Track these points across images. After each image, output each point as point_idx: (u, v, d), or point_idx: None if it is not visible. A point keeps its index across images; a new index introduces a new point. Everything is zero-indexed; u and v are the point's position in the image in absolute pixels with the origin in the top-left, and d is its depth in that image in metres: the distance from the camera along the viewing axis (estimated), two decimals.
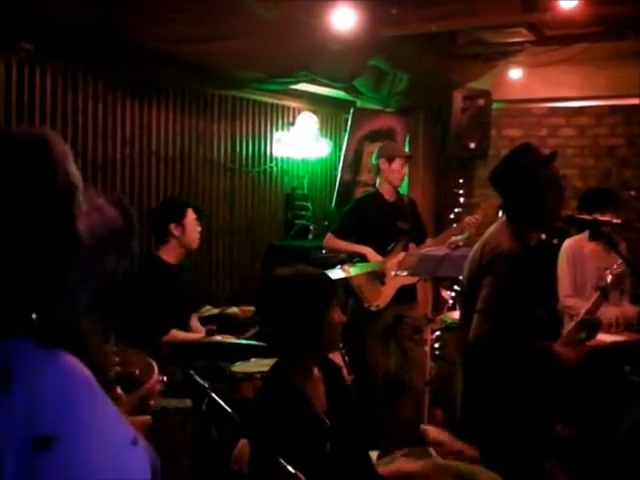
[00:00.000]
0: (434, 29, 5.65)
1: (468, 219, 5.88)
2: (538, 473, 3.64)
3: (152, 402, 2.50)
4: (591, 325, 3.89)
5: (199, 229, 4.97)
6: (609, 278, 3.96)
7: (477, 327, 3.49)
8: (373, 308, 5.86)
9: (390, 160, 5.93)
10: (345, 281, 5.80)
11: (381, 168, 5.97)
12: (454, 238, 6.01)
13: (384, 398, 5.90)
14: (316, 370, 2.88)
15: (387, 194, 6.01)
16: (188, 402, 3.84)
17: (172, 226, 4.87)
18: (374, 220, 5.91)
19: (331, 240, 6.00)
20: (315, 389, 2.85)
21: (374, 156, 6.05)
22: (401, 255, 5.89)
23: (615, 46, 6.75)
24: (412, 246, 5.95)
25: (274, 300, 2.82)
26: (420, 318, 6.11)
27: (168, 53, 4.89)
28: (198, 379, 2.99)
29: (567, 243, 5.31)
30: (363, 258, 5.83)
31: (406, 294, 5.95)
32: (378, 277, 5.91)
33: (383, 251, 5.89)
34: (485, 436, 3.65)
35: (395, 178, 5.95)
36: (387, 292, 5.91)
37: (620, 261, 4.00)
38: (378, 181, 6.07)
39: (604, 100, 7.63)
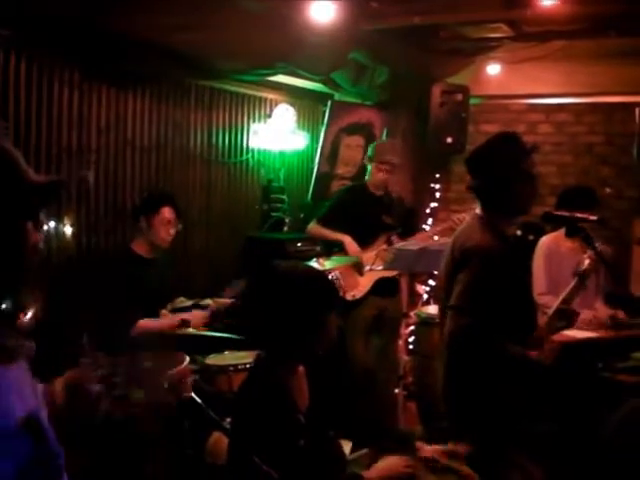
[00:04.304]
0: (415, 23, 5.64)
1: (456, 218, 5.85)
2: (513, 468, 3.65)
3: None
4: (568, 314, 3.92)
5: (172, 230, 4.93)
6: (586, 262, 3.95)
7: (451, 323, 3.49)
8: (349, 297, 5.87)
9: (379, 163, 5.95)
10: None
11: (372, 169, 6.01)
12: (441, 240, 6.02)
13: (361, 391, 5.90)
14: (300, 366, 2.84)
15: (374, 188, 6.03)
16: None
17: (142, 219, 4.85)
18: (359, 212, 5.94)
19: (315, 227, 6.09)
20: (299, 385, 2.81)
21: (369, 151, 6.08)
22: (379, 249, 5.90)
23: (595, 44, 6.78)
24: (396, 240, 5.96)
25: (274, 294, 2.73)
26: (400, 312, 6.13)
27: (146, 42, 4.84)
28: None
29: (544, 240, 5.32)
30: (342, 246, 5.86)
31: (388, 287, 5.96)
32: (357, 268, 5.92)
33: (364, 243, 5.90)
34: (464, 431, 3.65)
35: (383, 178, 5.98)
36: (364, 283, 5.92)
37: (598, 246, 4.00)
38: (367, 176, 6.09)
39: (584, 97, 7.67)
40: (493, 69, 7.62)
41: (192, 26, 4.86)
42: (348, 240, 5.90)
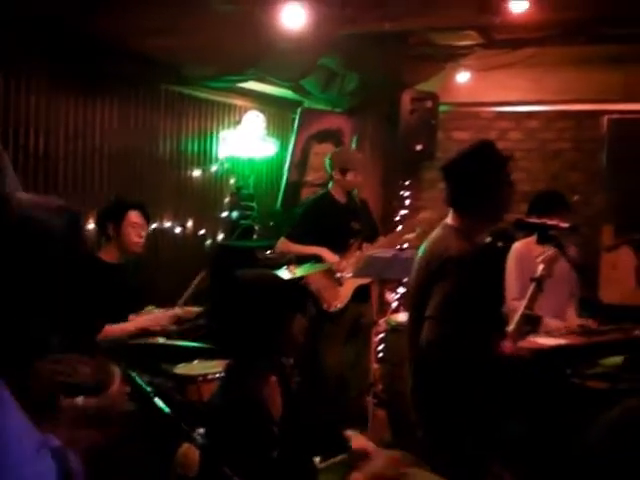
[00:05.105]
0: (386, 29, 5.63)
1: (420, 216, 5.87)
2: (485, 475, 3.64)
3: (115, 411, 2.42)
4: (532, 319, 3.93)
5: (143, 233, 4.86)
6: (540, 267, 3.98)
7: (429, 332, 3.46)
8: (332, 309, 5.84)
9: (343, 172, 5.93)
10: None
11: (334, 177, 5.97)
12: (406, 236, 6.03)
13: (333, 400, 5.87)
14: (273, 376, 2.82)
15: (339, 196, 6.00)
16: (127, 406, 3.74)
17: (110, 226, 4.77)
18: (328, 222, 5.90)
19: (285, 244, 5.99)
20: (272, 395, 2.79)
21: (327, 163, 6.04)
22: (357, 255, 5.88)
23: (564, 51, 6.82)
24: (366, 246, 5.95)
25: (239, 303, 2.73)
26: (373, 317, 6.12)
27: (114, 46, 4.79)
28: (140, 382, 2.91)
29: (516, 246, 5.33)
30: (319, 259, 5.81)
31: (362, 293, 5.95)
32: (335, 278, 5.89)
33: (338, 252, 5.87)
34: (434, 438, 3.63)
35: (349, 188, 5.96)
36: (345, 292, 5.90)
37: (549, 250, 4.04)
38: (330, 184, 6.06)
39: (553, 105, 7.71)
40: (463, 76, 7.64)
41: (162, 31, 4.82)
42: (326, 252, 5.84)
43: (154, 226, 5.46)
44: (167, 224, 6.31)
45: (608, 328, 4.87)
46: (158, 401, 2.83)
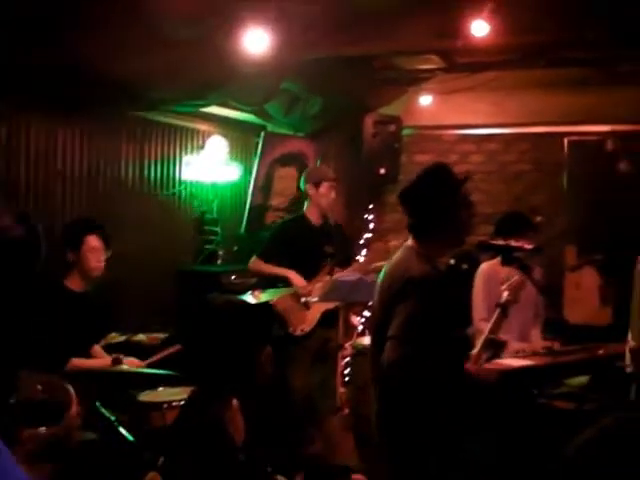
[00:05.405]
0: (348, 53, 5.65)
1: (391, 243, 5.85)
2: None
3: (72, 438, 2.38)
4: (495, 344, 3.95)
5: (103, 257, 4.81)
6: (505, 294, 4.01)
7: (391, 353, 3.45)
8: (298, 332, 5.80)
9: (317, 185, 5.92)
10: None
11: (309, 193, 5.96)
12: (379, 263, 6.01)
13: (301, 425, 5.83)
14: (234, 400, 2.79)
15: (314, 218, 5.99)
16: (90, 435, 3.67)
17: (69, 253, 4.72)
18: (300, 244, 5.87)
19: (256, 263, 5.96)
20: (234, 420, 2.75)
21: (301, 182, 6.04)
22: (325, 280, 5.85)
23: (524, 75, 6.90)
24: (337, 270, 5.92)
25: (204, 328, 2.70)
26: (339, 341, 6.09)
27: (76, 71, 4.75)
28: (104, 411, 2.88)
29: (483, 267, 5.36)
30: (287, 282, 5.79)
31: (330, 318, 5.92)
32: (302, 302, 5.86)
33: (309, 275, 5.84)
34: (399, 460, 3.62)
35: (324, 202, 5.94)
36: (312, 316, 5.87)
37: (515, 276, 4.07)
38: (305, 205, 6.04)
39: (514, 127, 7.79)
40: (425, 100, 7.70)
41: (124, 55, 4.80)
42: (293, 275, 5.81)
43: (117, 251, 5.39)
44: (130, 249, 6.25)
45: (573, 348, 4.91)
46: (122, 430, 2.80)
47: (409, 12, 5.20)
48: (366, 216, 8.24)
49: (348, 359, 6.65)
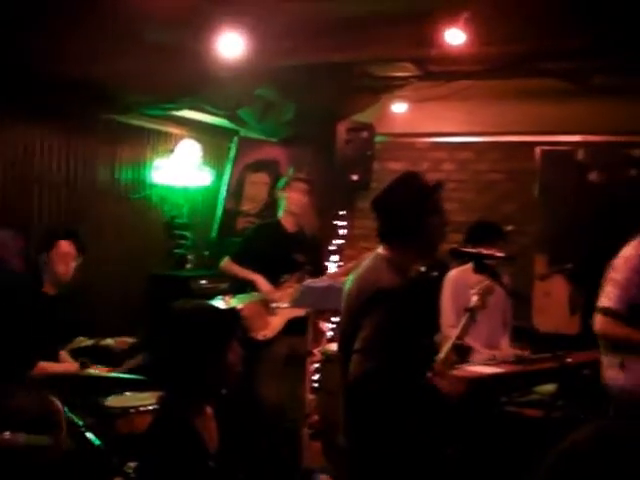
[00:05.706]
0: (323, 60, 5.65)
1: (365, 255, 5.82)
2: None
3: None
4: (462, 349, 3.95)
5: (73, 263, 4.83)
6: (474, 299, 4.02)
7: (357, 366, 3.43)
8: (260, 337, 5.78)
9: (287, 185, 5.92)
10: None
11: (281, 197, 5.97)
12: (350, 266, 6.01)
13: (269, 432, 5.81)
14: (208, 407, 2.77)
15: (288, 225, 5.99)
16: (44, 439, 3.61)
17: (43, 256, 4.76)
18: (271, 250, 5.87)
19: (228, 264, 5.99)
20: (208, 427, 2.73)
21: (279, 186, 6.05)
22: (295, 287, 5.83)
23: (498, 84, 6.92)
24: (307, 279, 5.89)
25: (173, 333, 2.69)
26: (307, 348, 6.07)
27: (52, 74, 4.72)
28: (72, 416, 2.85)
29: (452, 274, 5.37)
30: (254, 286, 5.78)
31: (298, 326, 5.90)
32: (270, 308, 5.84)
33: (276, 281, 5.83)
34: (367, 468, 3.60)
35: (294, 204, 5.93)
36: (276, 323, 5.85)
37: (485, 282, 4.08)
38: (280, 212, 6.04)
39: (486, 136, 7.82)
40: (399, 107, 7.72)
41: (98, 59, 4.78)
42: (259, 280, 5.81)
43: (88, 254, 5.36)
44: (101, 253, 6.21)
45: (541, 356, 4.93)
46: (89, 435, 2.77)
47: (386, 20, 5.22)
48: (337, 222, 8.24)
49: (317, 365, 6.63)
